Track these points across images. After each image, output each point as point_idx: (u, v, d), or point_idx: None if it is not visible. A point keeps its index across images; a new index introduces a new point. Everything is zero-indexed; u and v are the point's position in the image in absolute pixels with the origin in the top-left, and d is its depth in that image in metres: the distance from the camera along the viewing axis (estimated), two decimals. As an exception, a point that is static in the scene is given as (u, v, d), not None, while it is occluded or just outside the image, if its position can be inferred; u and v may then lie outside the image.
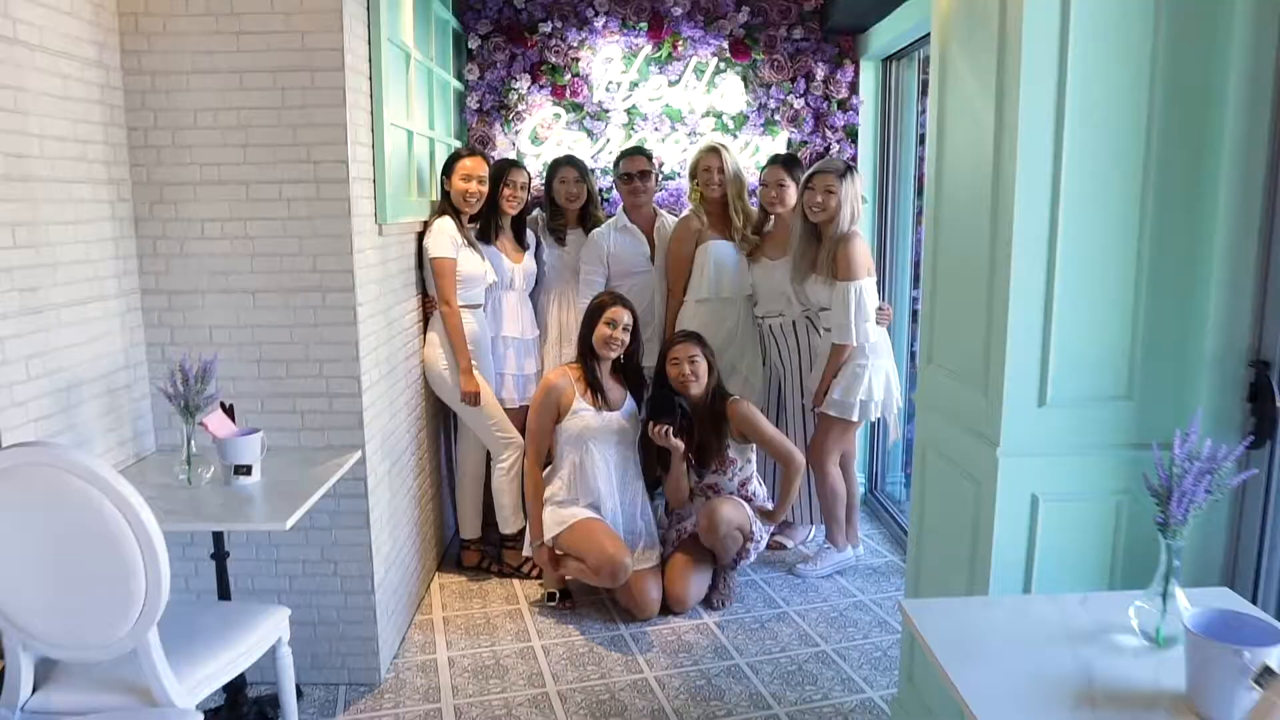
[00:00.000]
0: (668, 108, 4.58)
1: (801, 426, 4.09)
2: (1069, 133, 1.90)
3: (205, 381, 2.56)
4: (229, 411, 2.71)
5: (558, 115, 4.56)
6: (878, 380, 3.78)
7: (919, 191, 4.74)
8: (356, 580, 3.04)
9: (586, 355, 3.62)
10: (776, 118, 4.60)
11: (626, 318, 3.58)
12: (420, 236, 3.75)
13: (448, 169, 3.75)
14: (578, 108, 4.57)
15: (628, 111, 4.57)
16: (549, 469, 3.72)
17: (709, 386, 3.63)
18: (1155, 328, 1.98)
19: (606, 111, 4.56)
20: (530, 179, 4.13)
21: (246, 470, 2.58)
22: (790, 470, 3.62)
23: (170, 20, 2.74)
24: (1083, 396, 2.00)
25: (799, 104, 4.56)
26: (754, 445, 3.70)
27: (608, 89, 4.55)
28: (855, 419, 3.81)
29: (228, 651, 2.24)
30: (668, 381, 3.65)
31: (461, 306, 3.73)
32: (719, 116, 4.61)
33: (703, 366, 3.61)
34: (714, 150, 4.01)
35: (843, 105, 4.60)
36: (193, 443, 2.58)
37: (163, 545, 1.95)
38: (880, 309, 3.78)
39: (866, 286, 3.69)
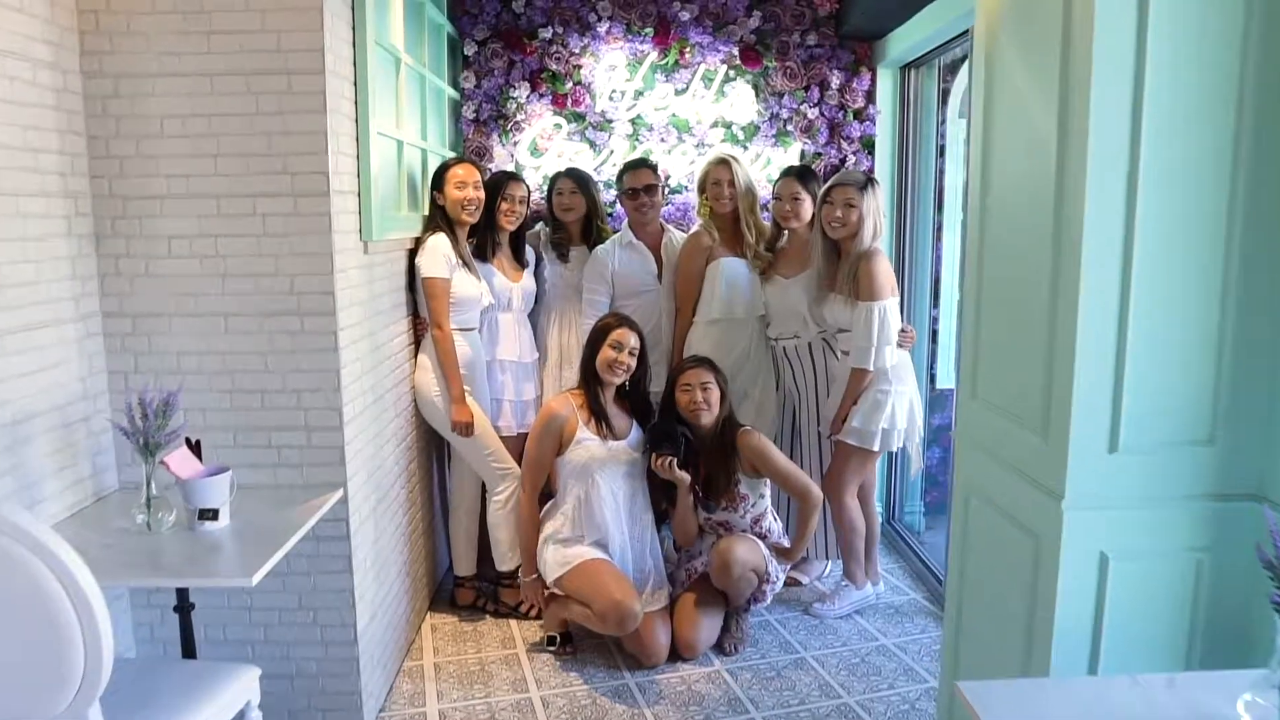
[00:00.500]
0: (674, 118, 4.35)
1: (817, 455, 3.83)
2: (1146, 140, 1.66)
3: (167, 416, 2.31)
4: (195, 448, 2.46)
5: (558, 126, 4.33)
6: (900, 408, 3.53)
7: (939, 206, 4.51)
8: (338, 629, 2.78)
9: (590, 381, 3.36)
10: (789, 128, 4.36)
11: (633, 340, 3.33)
12: (412, 254, 3.50)
13: (438, 181, 3.51)
14: (579, 118, 4.33)
15: (632, 122, 4.34)
16: (550, 504, 3.46)
17: (720, 416, 3.38)
18: (1243, 363, 1.73)
19: (610, 122, 4.33)
20: (529, 192, 3.90)
21: (213, 515, 2.32)
22: (807, 506, 3.36)
23: (134, 19, 2.51)
24: (1160, 441, 1.75)
25: (813, 114, 4.32)
26: (767, 480, 3.44)
27: (611, 98, 4.32)
28: (876, 449, 3.55)
29: (188, 721, 1.98)
30: (673, 408, 3.40)
31: (455, 329, 3.49)
32: (728, 127, 4.37)
33: (715, 394, 3.36)
34: (724, 162, 3.77)
35: (859, 115, 4.37)
36: (153, 484, 2.32)
37: (104, 611, 1.69)
38: (903, 331, 3.53)
39: (890, 307, 3.44)
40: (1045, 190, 1.81)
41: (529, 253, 3.93)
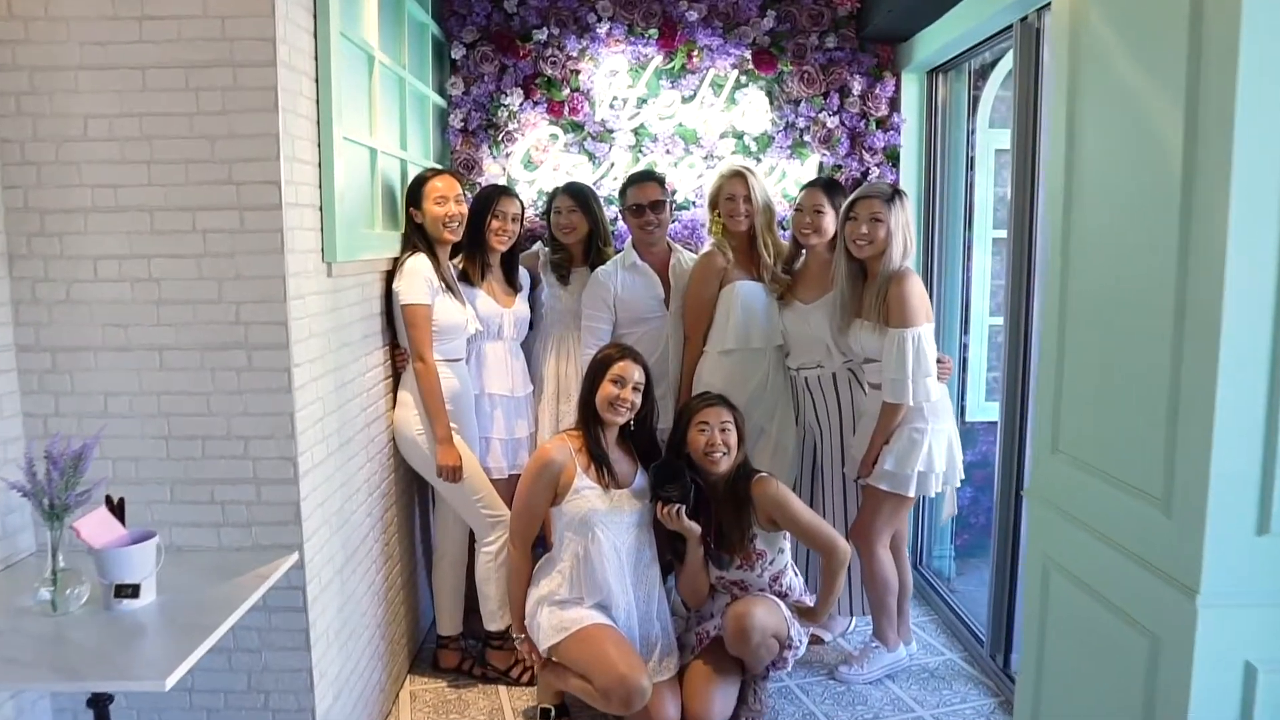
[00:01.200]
0: (681, 127, 3.99)
1: (841, 500, 3.44)
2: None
3: (78, 472, 1.92)
4: (117, 508, 2.06)
5: (555, 136, 3.96)
6: (938, 447, 3.14)
7: (968, 222, 4.13)
8: (294, 714, 2.37)
9: (589, 421, 2.97)
10: (806, 139, 4.00)
11: (637, 374, 2.94)
12: (389, 277, 3.12)
13: (414, 196, 3.13)
14: (578, 127, 3.97)
15: (635, 132, 3.98)
16: (545, 558, 3.06)
17: (736, 461, 2.98)
18: None
19: (611, 132, 3.97)
20: (523, 209, 3.52)
21: (131, 591, 1.93)
22: (833, 563, 2.96)
23: (54, 2, 2.14)
24: (1322, 519, 1.36)
25: (832, 123, 3.95)
26: (786, 532, 3.04)
27: (612, 106, 3.96)
28: (910, 494, 3.15)
29: None
30: (682, 450, 3.01)
31: (439, 361, 3.10)
32: (740, 137, 4.01)
33: (734, 437, 2.97)
34: (739, 175, 3.39)
35: (882, 124, 4.00)
36: (59, 554, 1.93)
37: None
38: (940, 361, 3.14)
39: (925, 334, 3.05)
40: (1163, 208, 1.43)
41: (523, 275, 3.55)
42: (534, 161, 3.97)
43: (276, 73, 2.14)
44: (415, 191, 3.13)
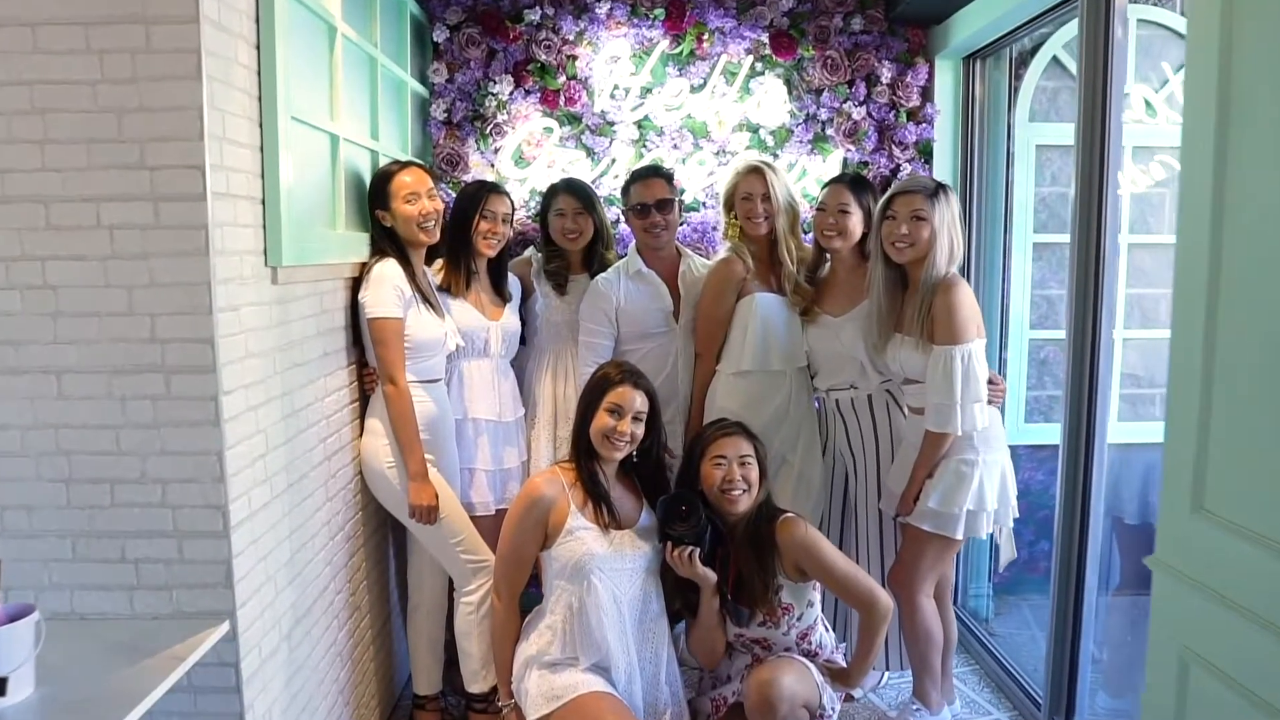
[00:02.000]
0: (689, 120, 3.58)
1: (878, 541, 3.01)
2: None
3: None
4: (-9, 574, 1.64)
5: (549, 129, 3.55)
6: (990, 482, 2.72)
7: (1007, 225, 3.73)
8: (228, 818, 1.94)
9: (584, 453, 2.55)
10: (829, 132, 3.59)
11: (639, 401, 2.52)
12: (356, 285, 2.70)
13: (379, 196, 2.72)
14: (574, 119, 3.56)
15: (639, 124, 3.57)
16: (534, 611, 2.63)
17: (757, 500, 2.56)
18: None
19: (611, 124, 3.56)
20: (514, 209, 3.11)
21: (-2, 687, 1.50)
22: (873, 619, 2.53)
23: (-78, -56, 1.73)
24: None
25: (858, 114, 3.54)
26: (815, 582, 2.61)
27: (613, 96, 3.55)
28: (958, 536, 2.73)
29: None
30: (695, 484, 2.60)
31: (413, 382, 2.68)
32: (755, 131, 3.61)
33: (755, 472, 2.55)
34: (756, 171, 2.98)
35: (914, 115, 3.59)
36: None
37: None
38: (991, 383, 2.72)
39: (976, 352, 2.64)
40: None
41: (513, 283, 3.13)
42: (526, 158, 3.56)
43: (200, 31, 1.73)
44: (379, 190, 2.71)
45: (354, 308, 2.68)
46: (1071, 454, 2.73)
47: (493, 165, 3.54)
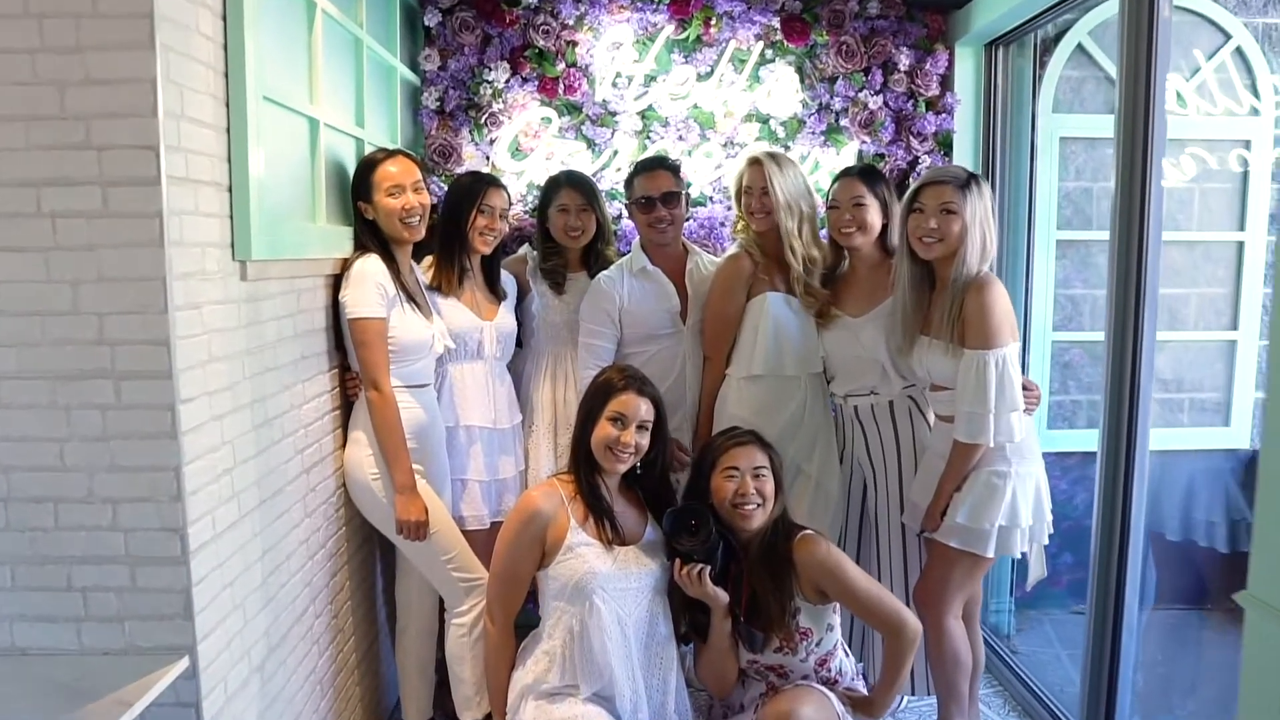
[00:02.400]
0: (696, 110, 3.39)
1: (901, 558, 2.80)
2: None
3: None
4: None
5: (547, 119, 3.36)
6: (1024, 496, 2.51)
7: (1030, 222, 3.54)
8: None
9: (585, 465, 2.35)
10: (843, 122, 3.39)
11: (644, 410, 2.33)
12: (338, 283, 2.50)
13: (361, 187, 2.52)
14: (574, 109, 3.37)
15: (642, 115, 3.38)
16: (531, 635, 2.42)
17: (772, 515, 2.37)
18: None
19: (613, 115, 3.37)
20: (510, 203, 2.92)
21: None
22: (900, 644, 2.33)
23: None
24: None
25: (874, 103, 3.35)
26: (835, 604, 2.41)
27: (615, 84, 3.36)
28: (989, 554, 2.52)
29: None
30: (705, 498, 2.40)
31: (399, 388, 2.48)
32: (765, 121, 3.42)
33: (770, 485, 2.35)
34: (755, 163, 2.80)
35: (933, 105, 3.40)
36: None
37: None
38: (1026, 390, 2.52)
39: (1010, 357, 2.44)
40: None
41: (507, 281, 2.94)
42: (523, 149, 3.37)
43: (153, -4, 1.54)
44: (362, 180, 2.51)
45: (336, 307, 2.49)
46: (1110, 463, 2.54)
47: (488, 157, 3.34)
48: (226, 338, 1.81)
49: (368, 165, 2.50)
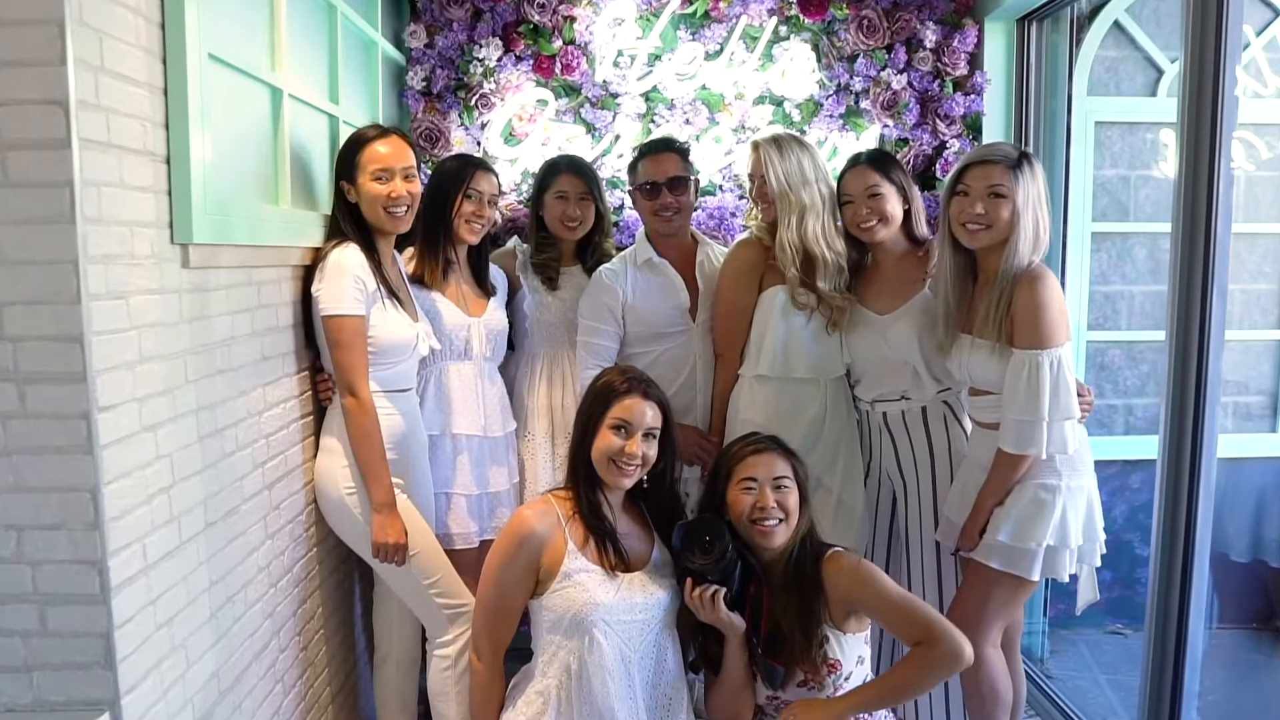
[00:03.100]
0: (704, 91, 3.14)
1: (935, 578, 2.53)
2: None
3: None
4: None
5: (543, 101, 3.10)
6: (1074, 513, 2.25)
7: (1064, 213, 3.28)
8: None
9: (584, 480, 2.08)
10: (864, 104, 3.13)
11: (650, 416, 2.06)
12: (308, 275, 2.24)
13: (346, 164, 2.25)
14: (572, 90, 3.11)
15: (646, 96, 3.13)
16: (522, 671, 2.15)
17: (799, 532, 2.10)
18: None
19: (614, 96, 3.12)
20: (500, 188, 2.66)
21: None
22: (930, 654, 1.98)
23: None
24: None
25: (898, 83, 3.09)
26: (866, 633, 2.13)
27: (617, 64, 3.11)
28: (1034, 576, 2.26)
29: None
30: (719, 509, 2.13)
31: (378, 393, 2.22)
32: (779, 104, 3.16)
33: (794, 498, 2.08)
34: (754, 148, 2.56)
35: (960, 85, 3.14)
36: None
37: None
38: (1080, 395, 2.25)
39: (1065, 359, 2.18)
40: None
41: (496, 275, 2.68)
42: (517, 134, 3.11)
43: (61, -82, 1.27)
44: (348, 157, 2.25)
45: (306, 303, 2.22)
46: (1172, 474, 2.29)
47: (478, 143, 3.09)
48: (163, 334, 1.54)
49: (356, 142, 2.24)
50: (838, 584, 2.05)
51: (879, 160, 2.52)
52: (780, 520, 2.06)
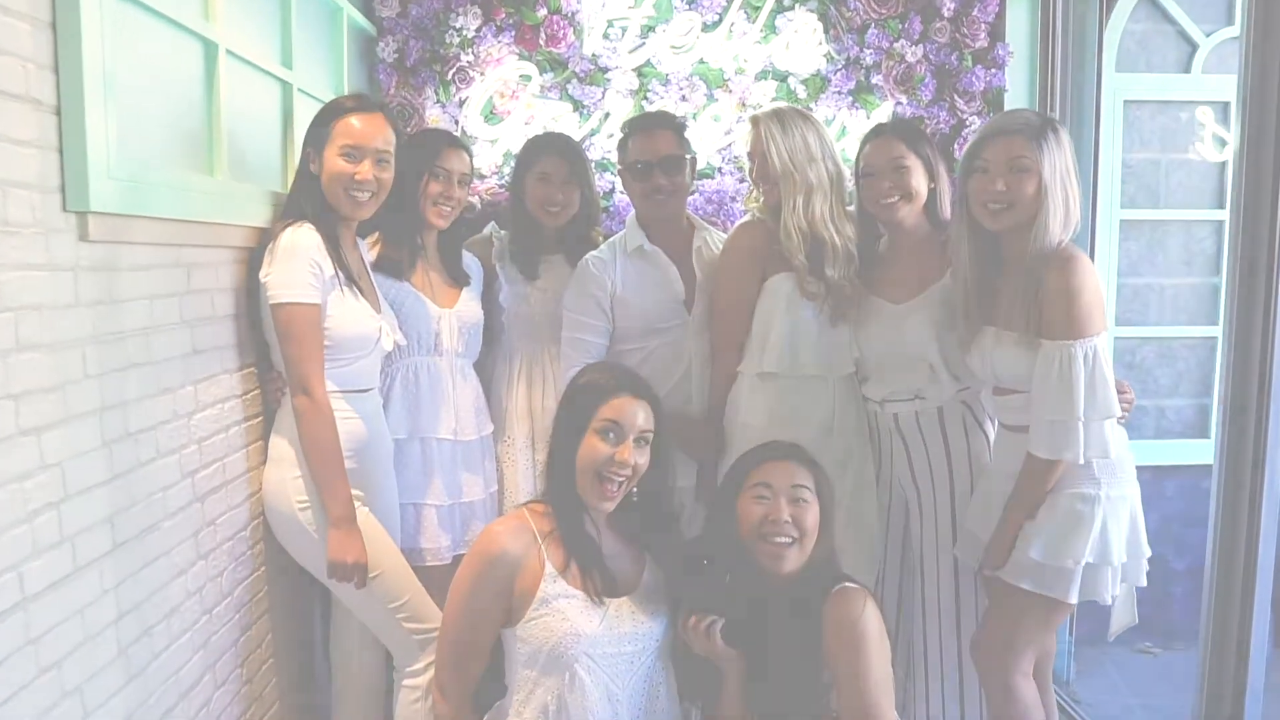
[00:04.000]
0: (702, 65, 2.92)
1: (952, 599, 2.27)
2: None
3: None
4: None
5: (526, 76, 2.88)
6: (1116, 526, 2.00)
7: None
8: None
9: (565, 494, 1.83)
10: (875, 79, 2.90)
11: (642, 417, 1.80)
12: (254, 260, 1.98)
13: (317, 134, 2.00)
14: (558, 64, 2.89)
15: (638, 71, 2.92)
16: (496, 707, 1.89)
17: (812, 558, 1.83)
18: None
19: (604, 71, 2.90)
20: (474, 169, 2.41)
21: None
22: None
23: None
24: None
25: (912, 56, 2.87)
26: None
27: (607, 35, 2.90)
28: (1071, 599, 2.01)
29: None
30: (729, 525, 1.87)
31: (335, 393, 1.97)
32: (783, 79, 2.94)
33: (812, 515, 1.83)
34: (752, 123, 2.34)
35: (980, 58, 2.92)
36: None
37: None
38: (1120, 394, 2.01)
39: (1102, 349, 1.93)
40: None
41: (470, 263, 2.44)
42: (498, 112, 2.88)
43: None
44: (318, 126, 2.00)
45: (252, 291, 1.97)
46: (1231, 480, 2.08)
47: (456, 121, 2.86)
48: (51, 318, 1.29)
49: (332, 110, 2.01)
50: (827, 630, 1.79)
51: (905, 130, 2.30)
52: (793, 540, 1.80)
